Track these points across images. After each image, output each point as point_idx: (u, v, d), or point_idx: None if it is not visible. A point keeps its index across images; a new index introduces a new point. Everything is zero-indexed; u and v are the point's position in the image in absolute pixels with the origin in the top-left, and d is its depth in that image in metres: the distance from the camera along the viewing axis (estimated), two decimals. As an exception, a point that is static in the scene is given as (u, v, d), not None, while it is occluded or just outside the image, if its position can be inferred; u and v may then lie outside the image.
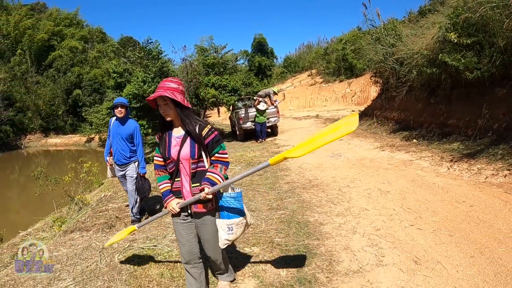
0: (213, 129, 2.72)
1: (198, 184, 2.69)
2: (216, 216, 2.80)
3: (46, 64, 38.60)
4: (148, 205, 6.29)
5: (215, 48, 16.33)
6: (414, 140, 9.28)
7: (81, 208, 7.46)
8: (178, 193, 2.78)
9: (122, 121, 5.23)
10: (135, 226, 3.31)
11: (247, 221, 2.91)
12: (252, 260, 3.71)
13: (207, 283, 3.18)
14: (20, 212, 12.08)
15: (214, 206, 2.78)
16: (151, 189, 5.94)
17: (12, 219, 11.80)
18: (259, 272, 3.42)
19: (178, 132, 2.76)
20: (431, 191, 5.26)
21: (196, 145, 2.69)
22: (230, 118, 18.24)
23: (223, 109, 21.57)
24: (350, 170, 7.21)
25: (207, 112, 23.50)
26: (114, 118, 5.33)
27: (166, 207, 2.80)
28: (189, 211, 2.82)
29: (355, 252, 3.60)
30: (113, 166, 5.51)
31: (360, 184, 6.08)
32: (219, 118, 31.87)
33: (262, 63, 41.42)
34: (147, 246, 4.28)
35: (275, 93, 14.65)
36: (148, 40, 17.03)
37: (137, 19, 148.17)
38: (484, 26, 7.25)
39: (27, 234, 6.82)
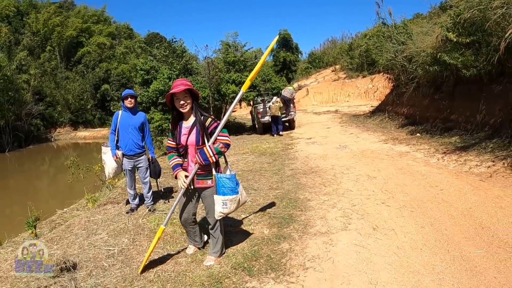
0: (214, 120, 3.39)
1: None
2: (214, 193, 3.44)
3: (75, 60, 39.66)
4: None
5: (235, 46, 17.10)
6: (418, 134, 9.83)
7: (110, 190, 8.41)
8: (185, 171, 3.48)
9: (133, 111, 5.49)
10: (163, 226, 3.63)
11: (240, 199, 3.54)
12: (245, 222, 4.63)
13: (202, 238, 4.00)
14: (49, 202, 12.37)
15: (213, 184, 3.44)
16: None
17: (41, 207, 12.86)
18: (248, 230, 4.32)
19: (187, 123, 3.42)
20: (412, 177, 5.95)
21: (200, 133, 3.33)
22: (250, 112, 19.05)
23: (243, 104, 22.25)
24: (350, 160, 7.92)
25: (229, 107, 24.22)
26: (121, 111, 5.57)
27: (176, 176, 3.47)
28: (192, 187, 3.50)
29: (328, 221, 4.40)
30: (120, 160, 5.60)
31: (353, 171, 6.82)
32: (244, 113, 32.60)
33: (287, 58, 41.72)
34: (165, 212, 5.34)
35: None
36: (173, 39, 18.00)
37: (164, 15, 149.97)
38: (481, 25, 7.65)
39: (63, 212, 7.73)
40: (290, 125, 15.35)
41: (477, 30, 7.89)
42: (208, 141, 3.33)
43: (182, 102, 3.30)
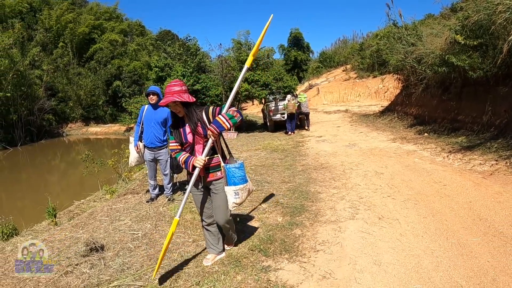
0: (215, 107, 3.34)
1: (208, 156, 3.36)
2: (224, 184, 3.45)
3: (87, 56, 39.76)
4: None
5: (248, 45, 17.44)
6: (426, 134, 10.10)
7: (127, 182, 8.78)
8: (193, 168, 3.35)
9: (155, 107, 5.72)
10: (177, 218, 3.51)
11: (249, 187, 3.57)
12: (259, 211, 5.01)
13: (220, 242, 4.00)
14: (61, 195, 12.44)
15: (222, 175, 3.44)
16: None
17: (53, 200, 13.20)
18: (263, 219, 4.69)
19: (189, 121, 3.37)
20: (418, 174, 6.27)
21: (206, 127, 3.28)
22: (262, 110, 19.37)
23: (255, 102, 22.53)
24: (359, 157, 8.24)
25: (242, 104, 24.50)
26: (147, 105, 5.87)
27: (192, 166, 3.33)
28: (202, 184, 3.51)
29: (337, 211, 4.76)
30: (141, 151, 5.92)
31: (362, 168, 7.15)
32: (255, 110, 32.82)
33: (298, 57, 41.94)
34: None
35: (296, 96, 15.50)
36: (187, 37, 18.40)
37: (175, 12, 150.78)
38: (488, 29, 7.85)
39: (80, 203, 8.08)
40: (301, 123, 15.55)
41: (484, 33, 8.11)
42: None
43: (174, 109, 3.33)
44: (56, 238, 4.81)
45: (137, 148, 5.93)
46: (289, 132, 13.98)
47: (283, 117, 14.44)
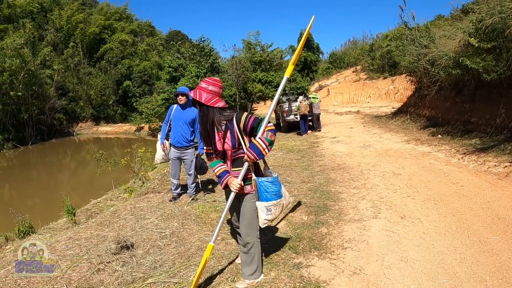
0: (248, 115, 3.07)
1: (238, 168, 3.10)
2: (255, 199, 3.13)
3: (97, 56, 40.05)
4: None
5: (262, 47, 17.65)
6: (439, 136, 10.23)
7: (143, 182, 8.89)
8: (225, 185, 3.17)
9: (184, 107, 5.80)
10: (211, 243, 3.27)
11: (284, 202, 3.29)
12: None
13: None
14: (71, 194, 12.08)
15: (253, 188, 3.12)
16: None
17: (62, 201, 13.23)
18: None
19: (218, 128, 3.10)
20: (435, 175, 6.45)
21: (236, 136, 3.03)
22: (275, 111, 19.51)
23: (267, 102, 22.66)
24: (375, 158, 8.43)
25: (254, 105, 24.64)
26: (176, 105, 5.90)
27: (225, 185, 3.15)
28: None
29: (359, 210, 4.96)
30: (166, 149, 6.02)
31: (379, 168, 7.34)
32: (266, 111, 32.77)
33: (308, 58, 41.97)
34: (207, 200, 5.97)
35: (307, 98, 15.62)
36: (201, 38, 18.69)
37: (185, 13, 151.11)
38: (502, 32, 7.96)
39: (97, 202, 8.25)
40: (313, 124, 15.59)
41: (498, 36, 8.21)
42: (245, 143, 3.06)
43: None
44: (82, 236, 4.90)
45: (163, 146, 6.06)
46: (303, 133, 14.13)
47: (297, 118, 14.58)
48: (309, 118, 14.71)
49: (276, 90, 13.35)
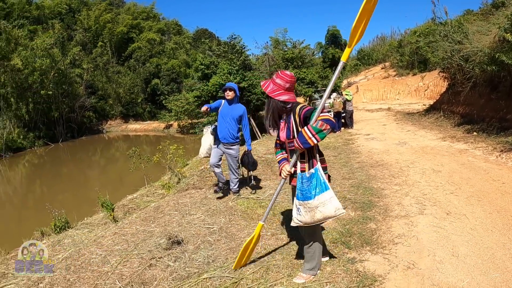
0: (303, 106, 3.11)
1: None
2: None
3: (126, 55, 41.27)
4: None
5: (293, 43, 17.79)
6: (474, 133, 10.20)
7: (179, 179, 8.99)
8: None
9: (231, 103, 5.81)
10: (261, 222, 3.48)
11: (316, 211, 3.05)
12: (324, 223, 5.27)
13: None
14: (101, 190, 12.56)
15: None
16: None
17: (94, 194, 13.30)
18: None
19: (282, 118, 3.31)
20: (475, 172, 6.55)
21: (291, 127, 3.14)
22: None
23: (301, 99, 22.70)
24: (412, 155, 8.54)
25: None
26: (223, 101, 5.93)
27: (280, 171, 3.29)
28: (290, 183, 3.34)
29: (405, 206, 5.15)
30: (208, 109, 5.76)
31: (418, 165, 7.47)
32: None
33: (336, 55, 41.69)
34: (251, 197, 6.16)
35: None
36: (232, 35, 18.95)
37: (211, 11, 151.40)
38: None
39: (134, 198, 8.31)
40: (346, 122, 15.45)
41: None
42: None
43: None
44: (128, 232, 5.03)
45: (206, 108, 5.71)
46: (336, 130, 14.18)
47: (331, 115, 14.54)
48: (342, 115, 14.78)
49: (309, 87, 13.62)
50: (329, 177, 3.25)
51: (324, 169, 3.20)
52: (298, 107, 3.09)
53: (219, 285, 3.44)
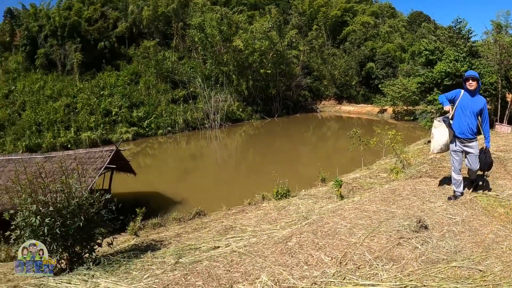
0: None
1: None
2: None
3: (340, 38, 42.54)
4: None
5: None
6: None
7: (404, 165, 9.24)
8: None
9: (473, 94, 5.28)
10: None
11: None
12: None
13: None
14: (311, 167, 13.03)
15: None
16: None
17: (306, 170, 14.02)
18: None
19: None
20: None
21: None
22: None
23: None
24: None
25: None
26: (463, 91, 5.39)
27: None
28: None
29: None
30: (451, 109, 5.47)
31: None
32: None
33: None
34: (490, 194, 5.81)
35: None
36: (457, 19, 18.19)
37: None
38: None
39: (356, 178, 9.09)
40: None
41: None
42: None
43: None
44: (369, 209, 5.29)
45: (449, 108, 5.47)
46: None
47: None
48: None
49: None
50: None
51: None
52: None
53: (468, 276, 3.43)
